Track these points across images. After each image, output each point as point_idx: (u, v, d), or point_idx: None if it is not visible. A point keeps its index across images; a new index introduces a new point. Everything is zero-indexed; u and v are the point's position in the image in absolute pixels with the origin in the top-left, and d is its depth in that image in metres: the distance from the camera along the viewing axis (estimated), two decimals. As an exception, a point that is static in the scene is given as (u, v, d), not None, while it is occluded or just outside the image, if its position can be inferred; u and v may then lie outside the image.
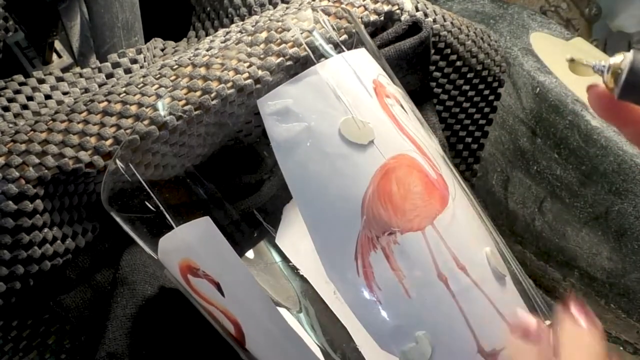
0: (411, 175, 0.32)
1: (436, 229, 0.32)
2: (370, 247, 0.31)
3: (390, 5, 0.58)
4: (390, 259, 0.31)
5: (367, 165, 0.32)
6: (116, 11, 0.61)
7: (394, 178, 0.32)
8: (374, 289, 0.30)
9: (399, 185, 0.32)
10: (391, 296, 0.30)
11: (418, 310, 0.30)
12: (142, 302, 0.49)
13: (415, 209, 0.31)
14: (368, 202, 0.31)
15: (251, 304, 0.35)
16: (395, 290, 0.30)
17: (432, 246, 0.31)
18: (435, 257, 0.31)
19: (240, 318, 0.36)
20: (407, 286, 0.30)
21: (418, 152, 0.35)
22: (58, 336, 0.51)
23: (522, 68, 0.67)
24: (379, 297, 0.30)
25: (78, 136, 0.47)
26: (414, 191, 0.32)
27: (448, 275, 0.30)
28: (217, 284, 0.36)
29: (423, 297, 0.30)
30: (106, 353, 0.47)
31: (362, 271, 0.31)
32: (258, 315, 0.35)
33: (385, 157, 0.32)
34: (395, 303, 0.30)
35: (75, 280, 0.50)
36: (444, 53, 0.63)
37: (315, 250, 0.31)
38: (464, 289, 0.31)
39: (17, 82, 0.57)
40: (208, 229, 0.31)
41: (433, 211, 0.32)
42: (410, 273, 0.31)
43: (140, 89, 0.49)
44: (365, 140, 0.32)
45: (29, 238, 0.46)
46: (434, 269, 0.30)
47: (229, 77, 0.48)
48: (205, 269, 0.36)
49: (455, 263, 0.31)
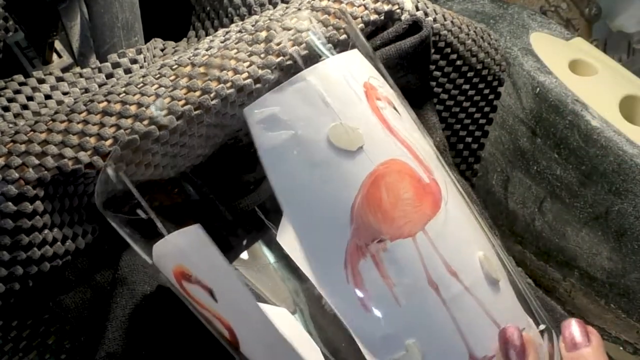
0: (401, 181, 0.32)
1: (427, 234, 0.31)
2: (359, 255, 0.30)
3: (391, 5, 0.58)
4: (379, 267, 0.30)
5: (356, 172, 0.31)
6: (116, 11, 0.61)
7: (383, 185, 0.31)
8: (363, 297, 0.30)
9: (389, 192, 0.31)
10: (381, 304, 0.30)
11: (408, 318, 0.30)
12: (142, 303, 0.49)
13: (406, 216, 0.31)
14: (357, 210, 0.31)
15: (243, 311, 0.35)
16: (385, 298, 0.30)
17: (422, 252, 0.31)
18: (426, 263, 0.30)
19: (233, 323, 0.36)
20: (397, 294, 0.30)
21: (410, 156, 0.34)
22: (58, 336, 0.51)
23: (522, 68, 0.67)
24: (368, 306, 0.30)
25: (78, 136, 0.47)
26: (404, 197, 0.31)
27: (439, 283, 0.30)
28: (209, 290, 0.36)
29: (413, 305, 0.30)
30: (106, 353, 0.47)
31: (351, 279, 0.30)
32: (250, 321, 0.34)
33: (374, 163, 0.32)
34: (385, 311, 0.30)
35: (74, 281, 0.50)
36: (444, 52, 0.63)
37: (304, 253, 0.30)
38: (455, 295, 0.30)
39: (17, 82, 0.57)
40: (199, 236, 0.31)
41: (424, 217, 0.31)
42: (400, 280, 0.30)
43: (140, 89, 0.49)
44: (354, 146, 0.31)
45: (28, 239, 0.46)
46: (425, 275, 0.30)
47: (229, 77, 0.48)
48: (197, 276, 0.36)
49: (447, 269, 0.31)
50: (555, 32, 0.74)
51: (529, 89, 0.67)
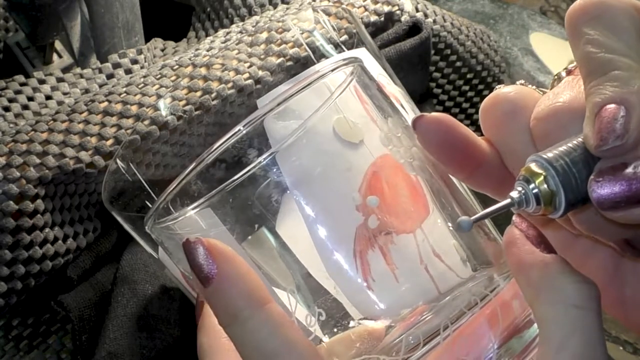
0: (396, 176, 0.33)
1: (423, 231, 0.33)
2: (368, 246, 0.32)
3: (391, 6, 0.58)
4: (386, 257, 0.32)
5: (359, 163, 0.32)
6: (116, 11, 0.61)
7: (383, 177, 0.32)
8: (369, 282, 0.31)
9: (389, 185, 0.32)
10: (383, 284, 0.32)
11: (404, 291, 0.32)
12: (143, 302, 0.49)
13: (406, 212, 0.32)
14: (362, 199, 0.32)
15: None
16: (387, 278, 0.32)
17: (419, 244, 0.32)
18: (420, 251, 0.32)
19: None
20: (397, 274, 0.32)
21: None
22: (59, 335, 0.52)
23: (522, 68, 0.67)
24: (372, 287, 0.32)
25: (79, 136, 0.47)
26: (401, 194, 0.33)
27: (428, 263, 0.32)
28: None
29: (409, 281, 0.32)
30: (107, 352, 0.47)
31: (360, 268, 0.32)
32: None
33: (374, 156, 0.33)
34: (386, 288, 0.32)
35: (76, 280, 0.50)
36: (444, 53, 0.63)
37: (312, 240, 0.31)
38: (441, 273, 0.32)
39: (17, 82, 0.57)
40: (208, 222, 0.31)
41: (420, 217, 0.33)
42: (402, 264, 0.32)
43: (140, 89, 0.49)
44: (357, 139, 0.33)
45: (29, 238, 0.46)
46: (419, 259, 0.32)
47: (230, 78, 0.48)
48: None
49: (433, 253, 0.33)
50: (555, 32, 0.74)
51: (528, 90, 0.67)
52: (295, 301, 0.32)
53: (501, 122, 0.31)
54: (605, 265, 0.33)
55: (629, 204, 0.26)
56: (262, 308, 0.29)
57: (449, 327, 0.31)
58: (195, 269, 0.30)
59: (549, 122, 0.29)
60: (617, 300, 0.33)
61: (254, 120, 0.32)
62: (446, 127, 0.32)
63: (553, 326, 0.27)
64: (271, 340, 0.29)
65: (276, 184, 0.32)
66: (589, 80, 0.28)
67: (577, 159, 0.27)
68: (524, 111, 0.31)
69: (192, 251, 0.30)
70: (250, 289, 0.30)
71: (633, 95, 0.26)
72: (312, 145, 0.32)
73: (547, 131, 0.29)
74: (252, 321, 0.29)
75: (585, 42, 0.28)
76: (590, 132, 0.27)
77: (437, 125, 0.32)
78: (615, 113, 0.26)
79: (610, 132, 0.26)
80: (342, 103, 0.33)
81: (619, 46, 0.27)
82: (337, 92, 0.33)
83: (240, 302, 0.29)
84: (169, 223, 0.33)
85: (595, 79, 0.27)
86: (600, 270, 0.33)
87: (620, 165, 0.26)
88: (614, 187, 0.26)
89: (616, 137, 0.26)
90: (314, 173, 0.32)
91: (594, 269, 0.33)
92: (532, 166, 0.28)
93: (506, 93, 0.31)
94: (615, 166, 0.26)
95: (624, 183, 0.26)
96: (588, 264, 0.33)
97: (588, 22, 0.28)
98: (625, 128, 0.26)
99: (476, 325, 0.31)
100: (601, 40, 0.28)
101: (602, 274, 0.33)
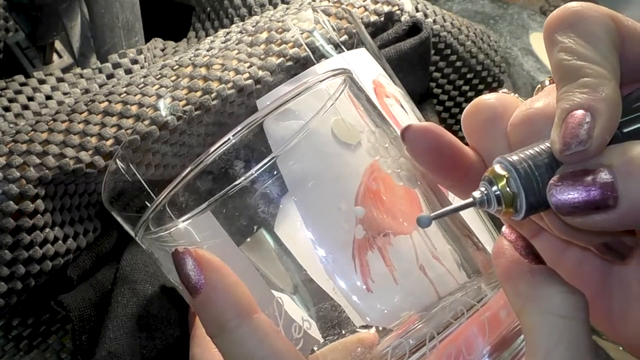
0: (392, 179, 0.33)
1: (420, 233, 0.33)
2: (367, 247, 0.32)
3: (391, 6, 0.58)
4: (385, 258, 0.32)
5: (357, 164, 0.33)
6: (116, 11, 0.61)
7: (380, 178, 0.33)
8: (368, 283, 0.32)
9: (387, 187, 0.32)
10: (383, 285, 0.32)
11: (404, 294, 0.32)
12: (143, 302, 0.49)
13: (403, 215, 0.33)
14: (361, 202, 0.32)
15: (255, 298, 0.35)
16: (386, 280, 0.32)
17: (416, 245, 0.33)
18: (418, 253, 0.32)
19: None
20: (396, 276, 0.32)
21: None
22: (59, 335, 0.52)
23: (522, 68, 0.68)
24: (372, 289, 0.32)
25: (79, 136, 0.47)
26: (398, 195, 0.33)
27: (425, 265, 0.32)
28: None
29: (408, 283, 0.32)
30: (107, 352, 0.47)
31: (359, 270, 0.32)
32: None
33: (372, 157, 0.33)
34: (386, 290, 0.32)
35: (76, 280, 0.50)
36: (444, 54, 0.63)
37: (311, 242, 0.32)
38: (439, 275, 0.32)
39: (17, 82, 0.57)
40: (209, 225, 0.31)
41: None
42: (400, 266, 0.32)
43: (140, 89, 0.49)
44: (354, 140, 0.33)
45: (30, 238, 0.46)
46: (416, 261, 0.32)
47: (230, 78, 0.48)
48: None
49: (432, 255, 0.33)
50: (554, 33, 0.74)
51: (528, 89, 0.67)
52: (282, 312, 0.32)
53: (482, 128, 0.32)
54: (593, 278, 0.33)
55: (586, 210, 0.26)
56: (250, 318, 0.29)
57: (435, 337, 0.31)
58: (184, 279, 0.30)
59: (523, 128, 0.29)
60: (604, 313, 0.33)
61: (242, 130, 0.32)
62: (434, 135, 0.32)
63: (540, 336, 0.27)
64: (259, 351, 0.29)
65: (275, 186, 0.32)
66: (560, 87, 0.28)
67: (541, 163, 0.27)
68: (504, 118, 0.31)
69: (181, 261, 0.31)
70: (238, 299, 0.30)
71: (600, 102, 0.26)
72: (311, 147, 0.32)
73: (521, 136, 0.29)
74: (239, 331, 0.29)
75: (559, 49, 0.28)
76: (556, 137, 0.27)
77: (424, 134, 0.32)
78: (581, 119, 0.26)
79: (573, 137, 0.26)
80: (340, 105, 0.33)
81: (591, 54, 0.28)
82: (335, 94, 0.33)
83: (227, 312, 0.29)
84: (162, 233, 0.33)
85: (566, 85, 0.28)
86: (588, 282, 0.33)
87: (581, 172, 0.26)
88: (572, 193, 0.26)
89: (579, 143, 0.26)
90: (313, 175, 0.32)
91: (583, 281, 0.33)
92: (496, 168, 0.28)
93: (487, 100, 0.32)
94: (575, 172, 0.26)
95: (582, 189, 0.26)
96: (577, 275, 0.33)
97: (563, 31, 0.29)
98: (589, 134, 0.26)
99: (464, 336, 0.31)
100: (574, 48, 0.28)
101: (591, 286, 0.33)
